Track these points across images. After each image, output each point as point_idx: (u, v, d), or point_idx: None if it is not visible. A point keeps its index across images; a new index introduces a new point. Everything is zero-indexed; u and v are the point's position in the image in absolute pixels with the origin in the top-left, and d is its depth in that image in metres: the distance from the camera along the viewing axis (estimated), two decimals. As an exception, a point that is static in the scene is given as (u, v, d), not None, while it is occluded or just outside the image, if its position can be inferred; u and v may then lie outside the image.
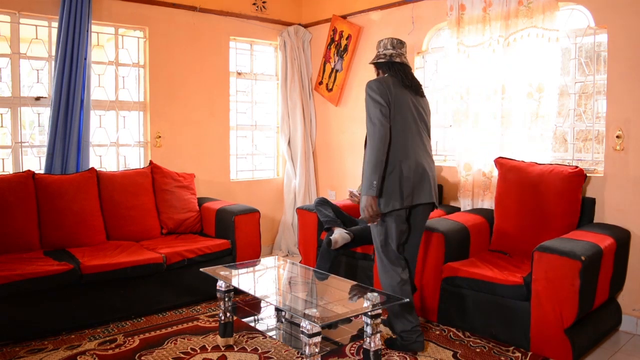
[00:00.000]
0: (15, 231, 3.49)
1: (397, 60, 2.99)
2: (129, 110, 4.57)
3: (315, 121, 5.53)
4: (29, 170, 3.72)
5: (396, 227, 2.88)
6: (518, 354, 2.91)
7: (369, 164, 2.77)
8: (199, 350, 2.97)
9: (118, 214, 3.98)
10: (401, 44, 3.04)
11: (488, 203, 3.93)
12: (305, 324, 2.26)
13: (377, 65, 3.05)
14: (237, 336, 3.14)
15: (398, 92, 2.88)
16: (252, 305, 3.20)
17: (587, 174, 3.43)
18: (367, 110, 2.85)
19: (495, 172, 3.76)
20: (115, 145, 4.53)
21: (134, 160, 4.65)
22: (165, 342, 3.08)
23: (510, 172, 3.56)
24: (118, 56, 4.47)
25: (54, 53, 4.02)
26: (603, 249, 2.89)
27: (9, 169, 4.03)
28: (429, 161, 2.94)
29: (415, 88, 2.99)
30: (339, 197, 5.20)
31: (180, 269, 3.68)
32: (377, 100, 2.80)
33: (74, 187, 3.79)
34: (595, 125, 3.57)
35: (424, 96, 3.08)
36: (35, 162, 4.23)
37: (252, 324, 2.93)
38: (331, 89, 5.29)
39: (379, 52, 3.05)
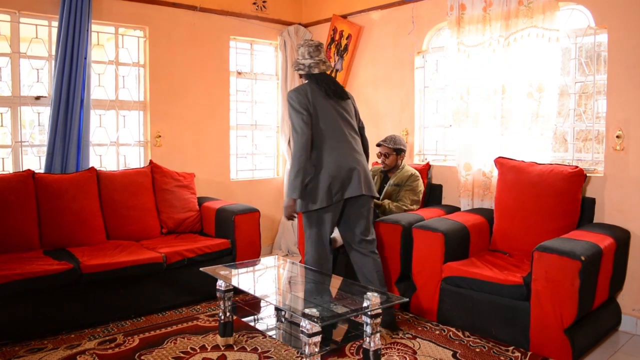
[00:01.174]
0: (15, 230, 3.49)
1: (315, 71, 3.15)
2: (129, 109, 4.57)
3: (315, 121, 5.52)
4: (28, 170, 3.72)
5: (330, 219, 3.13)
6: (518, 354, 2.91)
7: (293, 169, 3.02)
8: (198, 350, 2.97)
9: (118, 214, 3.98)
10: (317, 50, 3.16)
11: (488, 203, 3.94)
12: (305, 324, 2.26)
13: (299, 73, 3.23)
14: (236, 336, 3.14)
15: (318, 98, 3.09)
16: (252, 304, 3.21)
17: (587, 174, 3.43)
18: (290, 119, 3.10)
19: (495, 172, 3.77)
20: (115, 145, 4.53)
21: (134, 159, 4.65)
22: (165, 342, 3.08)
23: (510, 172, 3.56)
24: (118, 55, 4.47)
25: (54, 52, 4.02)
26: (603, 249, 2.89)
27: (9, 169, 4.03)
28: (357, 157, 3.13)
29: (337, 94, 3.17)
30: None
31: (180, 268, 3.67)
32: (298, 110, 3.03)
33: (74, 186, 3.79)
34: (595, 125, 3.57)
35: (348, 98, 3.25)
36: (35, 161, 4.23)
37: (252, 324, 2.93)
38: (331, 89, 5.28)
39: (297, 59, 3.21)
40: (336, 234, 3.76)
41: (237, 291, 3.13)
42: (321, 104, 3.10)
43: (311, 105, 3.06)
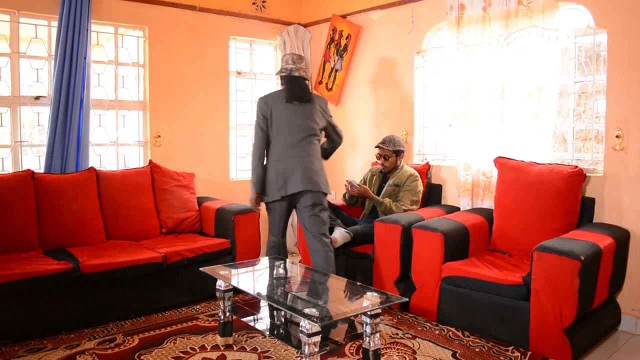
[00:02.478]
0: (14, 230, 3.49)
1: (296, 74, 3.54)
2: (129, 109, 4.57)
3: (314, 121, 5.51)
4: (28, 170, 3.72)
5: (278, 212, 3.57)
6: (517, 354, 2.91)
7: (252, 167, 3.58)
8: (198, 350, 2.97)
9: (117, 214, 3.97)
10: (300, 59, 3.61)
11: (488, 203, 3.93)
12: (304, 324, 2.26)
13: (280, 76, 3.63)
14: (236, 335, 3.14)
15: (279, 106, 3.52)
16: (252, 304, 3.20)
17: (587, 174, 3.43)
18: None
19: (495, 172, 3.76)
20: (114, 145, 4.53)
21: (134, 159, 4.65)
22: (165, 342, 3.08)
23: (510, 171, 3.56)
24: (118, 55, 4.47)
25: (53, 52, 4.02)
26: (602, 249, 2.89)
27: (9, 169, 4.03)
28: (304, 157, 3.47)
29: (298, 98, 3.52)
30: (339, 197, 5.19)
31: (179, 268, 3.67)
32: (258, 115, 3.55)
33: (74, 186, 3.79)
34: (595, 125, 3.57)
35: (312, 102, 3.57)
36: (34, 161, 4.23)
37: (252, 324, 2.93)
38: (331, 89, 5.29)
39: (282, 65, 3.60)
40: (337, 234, 3.76)
41: (236, 291, 3.12)
42: (281, 110, 3.50)
43: (269, 111, 3.51)
